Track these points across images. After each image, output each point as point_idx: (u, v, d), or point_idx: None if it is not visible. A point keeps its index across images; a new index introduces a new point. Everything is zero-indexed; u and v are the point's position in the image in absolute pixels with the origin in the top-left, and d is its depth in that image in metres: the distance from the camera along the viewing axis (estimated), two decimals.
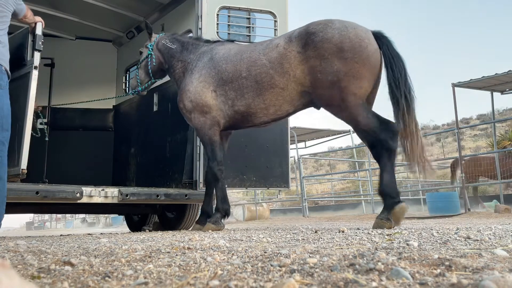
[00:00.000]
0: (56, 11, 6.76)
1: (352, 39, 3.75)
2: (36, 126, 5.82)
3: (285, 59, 3.97)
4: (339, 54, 3.73)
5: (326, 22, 3.98)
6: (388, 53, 3.82)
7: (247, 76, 4.14)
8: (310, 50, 3.84)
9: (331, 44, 3.76)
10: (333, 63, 3.73)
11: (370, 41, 3.81)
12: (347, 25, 3.88)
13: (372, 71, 3.78)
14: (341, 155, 32.61)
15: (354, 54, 3.71)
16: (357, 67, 3.71)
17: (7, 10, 3.67)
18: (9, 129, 3.51)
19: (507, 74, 9.45)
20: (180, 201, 5.04)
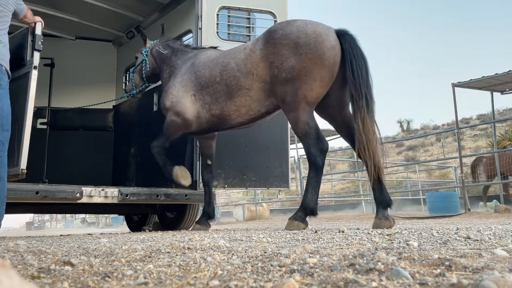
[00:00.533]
0: (56, 11, 6.76)
1: (308, 35, 3.77)
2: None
3: (249, 59, 4.08)
4: (295, 50, 3.75)
5: (289, 21, 4.09)
6: (350, 51, 3.76)
7: (220, 81, 4.27)
8: (270, 47, 3.92)
9: (288, 40, 3.81)
10: (289, 59, 3.77)
11: (328, 38, 3.78)
12: (308, 23, 3.92)
13: (325, 70, 3.74)
14: (341, 155, 32.60)
15: (309, 50, 3.71)
16: (310, 65, 3.70)
17: (8, 10, 3.67)
18: (9, 129, 3.51)
19: (507, 74, 9.45)
20: (180, 201, 5.04)
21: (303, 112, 3.79)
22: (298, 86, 3.76)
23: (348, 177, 21.96)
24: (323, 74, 3.74)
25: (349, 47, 3.78)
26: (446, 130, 16.51)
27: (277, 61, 3.85)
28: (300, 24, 3.89)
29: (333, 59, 3.76)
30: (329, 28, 3.88)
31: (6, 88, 3.56)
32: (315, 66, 3.71)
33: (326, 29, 3.85)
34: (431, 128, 38.52)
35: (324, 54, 3.72)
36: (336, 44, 3.79)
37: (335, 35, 3.84)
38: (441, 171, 21.64)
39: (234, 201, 19.87)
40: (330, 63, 3.75)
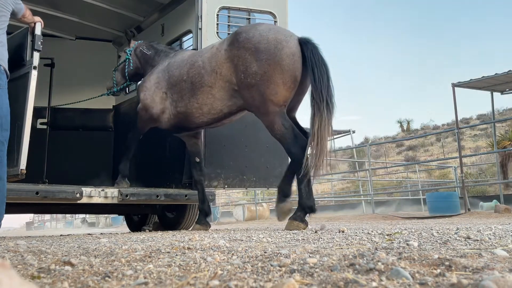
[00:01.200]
0: (56, 11, 6.76)
1: (269, 41, 3.92)
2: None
3: (214, 58, 4.22)
4: (256, 55, 3.91)
5: (255, 24, 4.26)
6: (312, 58, 3.88)
7: (186, 79, 4.45)
8: (234, 49, 4.05)
9: (251, 44, 3.96)
10: (252, 64, 3.92)
11: (288, 44, 3.91)
12: (272, 28, 4.10)
13: (286, 75, 3.86)
14: (341, 155, 32.59)
15: (269, 56, 3.86)
16: (270, 71, 3.84)
17: (6, 9, 3.66)
18: (8, 129, 3.51)
19: (507, 74, 9.45)
20: (180, 201, 5.04)
21: (274, 115, 3.91)
22: (263, 91, 3.88)
23: (348, 177, 21.96)
24: (285, 79, 3.87)
25: (310, 54, 3.90)
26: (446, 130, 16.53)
27: (242, 65, 3.98)
28: (263, 29, 4.03)
29: (293, 65, 3.89)
30: (291, 36, 4.01)
31: (5, 88, 3.56)
32: (275, 72, 3.85)
33: (287, 36, 3.98)
34: (431, 128, 38.52)
35: (283, 60, 3.86)
36: (297, 51, 3.92)
37: (296, 42, 3.96)
38: (441, 171, 21.64)
39: (234, 201, 19.87)
40: (289, 68, 3.88)
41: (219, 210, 16.38)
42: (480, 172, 20.23)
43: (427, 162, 23.87)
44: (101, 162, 7.33)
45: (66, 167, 6.96)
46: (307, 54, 3.91)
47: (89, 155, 7.32)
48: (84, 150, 7.30)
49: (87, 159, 7.27)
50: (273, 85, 3.85)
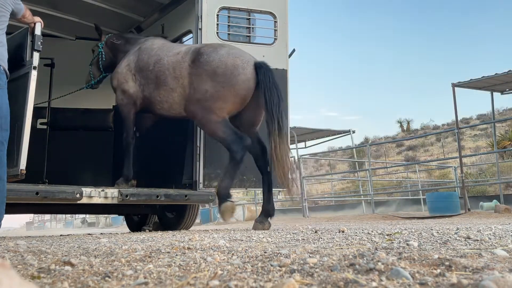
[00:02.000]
0: (56, 11, 6.75)
1: (227, 66, 4.31)
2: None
3: (178, 66, 4.57)
4: (213, 77, 4.31)
5: (217, 46, 4.60)
6: (264, 82, 4.28)
7: (152, 70, 4.78)
8: (194, 68, 4.45)
9: (210, 67, 4.35)
10: (206, 83, 4.32)
11: (244, 71, 4.31)
12: (231, 53, 4.43)
13: (238, 97, 4.32)
14: (341, 155, 32.60)
15: (225, 79, 4.27)
16: (223, 91, 4.27)
17: (5, 9, 3.65)
18: (8, 129, 3.51)
19: (507, 74, 9.45)
20: (180, 201, 5.04)
21: (216, 125, 4.33)
22: (209, 106, 4.31)
23: (348, 177, 21.96)
24: (234, 100, 4.34)
25: (263, 78, 4.29)
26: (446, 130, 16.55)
27: (195, 82, 4.40)
28: (223, 54, 4.40)
29: (246, 90, 4.33)
30: (248, 62, 4.38)
31: (5, 88, 3.55)
32: (228, 94, 4.29)
33: (244, 63, 4.36)
34: (431, 128, 38.50)
35: (238, 85, 4.29)
36: (251, 77, 4.33)
37: (252, 69, 4.35)
38: (441, 171, 21.63)
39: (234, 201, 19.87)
40: (241, 93, 4.33)
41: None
42: (480, 172, 20.22)
43: (427, 162, 23.87)
44: (101, 162, 7.32)
45: (66, 167, 6.95)
46: (259, 78, 4.29)
47: (89, 155, 7.31)
48: (84, 150, 7.29)
49: (87, 159, 7.26)
50: (221, 102, 4.30)
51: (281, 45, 5.50)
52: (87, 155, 7.26)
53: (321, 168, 33.84)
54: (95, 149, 7.37)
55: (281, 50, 5.50)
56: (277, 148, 4.16)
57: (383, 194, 17.77)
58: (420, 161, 25.51)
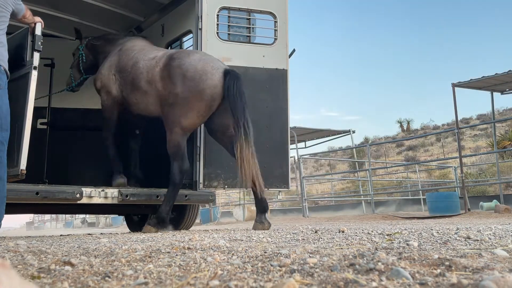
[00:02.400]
0: (56, 11, 6.75)
1: (197, 71, 4.42)
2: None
3: (151, 70, 4.70)
4: (182, 80, 4.42)
5: (190, 52, 4.74)
6: (230, 89, 4.39)
7: (129, 72, 4.90)
8: (166, 71, 4.57)
9: (180, 70, 4.46)
10: (176, 87, 4.43)
11: (212, 77, 4.42)
12: (203, 59, 4.54)
13: (203, 103, 4.41)
14: (341, 155, 32.60)
15: (193, 84, 4.38)
16: (191, 97, 4.38)
17: (6, 10, 3.65)
18: (8, 129, 3.51)
19: (507, 74, 9.45)
20: (180, 201, 5.03)
21: (176, 135, 4.46)
22: (176, 112, 4.43)
23: (348, 177, 21.96)
24: (200, 107, 4.42)
25: (228, 84, 4.40)
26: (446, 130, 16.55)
27: (168, 87, 4.51)
28: (195, 59, 4.52)
29: (212, 96, 4.42)
30: (217, 68, 4.48)
31: (5, 88, 3.55)
32: (195, 99, 4.38)
33: (214, 69, 4.46)
34: (431, 128, 38.49)
35: (205, 91, 4.37)
36: (219, 83, 4.42)
37: (220, 75, 4.44)
38: (441, 171, 21.62)
39: (234, 201, 19.87)
40: (208, 98, 4.41)
41: (219, 210, 16.37)
42: (480, 172, 20.21)
43: (427, 162, 23.87)
44: (101, 162, 7.31)
45: (66, 167, 6.95)
46: (226, 85, 4.41)
47: (89, 155, 7.31)
48: (84, 150, 7.29)
49: (87, 159, 7.26)
50: (187, 109, 4.40)
51: (281, 45, 5.50)
52: (87, 155, 7.26)
53: (321, 168, 33.85)
54: (95, 149, 7.37)
55: (281, 50, 5.50)
56: (243, 153, 4.30)
57: (383, 194, 17.76)
58: (420, 161, 25.51)
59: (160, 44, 6.56)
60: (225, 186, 5.17)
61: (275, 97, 5.41)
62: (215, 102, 4.46)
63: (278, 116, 5.39)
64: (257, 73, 5.35)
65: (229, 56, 5.26)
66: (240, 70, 5.29)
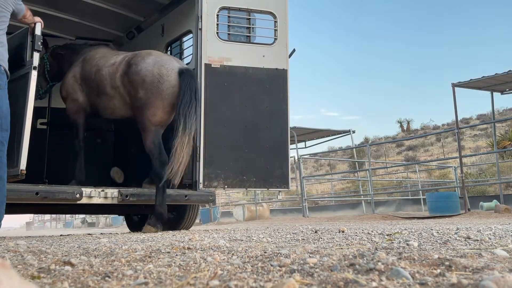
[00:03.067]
0: (56, 11, 6.75)
1: (154, 75, 4.75)
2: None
3: (113, 76, 4.99)
4: (142, 85, 4.75)
5: (144, 56, 4.93)
6: (183, 86, 4.70)
7: (94, 79, 5.15)
8: (126, 77, 4.87)
9: (139, 77, 4.77)
10: (138, 92, 4.76)
11: (169, 78, 4.76)
12: (157, 62, 4.84)
13: (166, 102, 4.74)
14: (341, 155, 32.60)
15: (152, 87, 4.72)
16: (152, 98, 4.72)
17: (6, 10, 3.65)
18: (8, 129, 3.50)
19: (507, 74, 9.44)
20: (180, 202, 5.03)
21: (149, 133, 4.76)
22: (143, 112, 4.75)
23: (348, 177, 21.96)
24: (164, 105, 4.75)
25: (182, 82, 4.72)
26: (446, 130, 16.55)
27: (132, 91, 4.83)
28: (150, 63, 4.82)
29: (171, 94, 4.75)
30: (172, 69, 4.81)
31: (5, 88, 3.55)
32: (157, 99, 4.72)
33: (169, 70, 4.79)
34: (431, 128, 38.49)
35: (164, 91, 4.73)
36: (176, 82, 4.76)
37: (176, 75, 4.77)
38: (441, 171, 21.62)
39: (234, 201, 19.87)
40: (168, 97, 4.75)
41: (219, 210, 16.37)
42: (480, 172, 20.22)
43: (427, 162, 23.87)
44: (101, 163, 7.31)
45: (66, 167, 6.95)
46: (180, 83, 4.72)
47: (89, 155, 7.30)
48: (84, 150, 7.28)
49: (87, 159, 7.26)
50: (153, 108, 4.73)
51: (281, 45, 5.50)
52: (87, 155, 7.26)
53: (321, 168, 33.84)
54: (95, 149, 7.37)
55: (281, 50, 5.50)
56: (177, 140, 4.52)
57: (383, 194, 17.76)
58: (420, 161, 25.51)
59: (160, 44, 6.56)
60: (225, 186, 5.16)
61: (275, 97, 5.41)
62: (175, 99, 4.77)
63: (278, 116, 5.39)
64: (257, 73, 5.35)
65: (229, 56, 5.26)
66: (240, 70, 5.29)
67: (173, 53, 6.53)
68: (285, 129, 5.48)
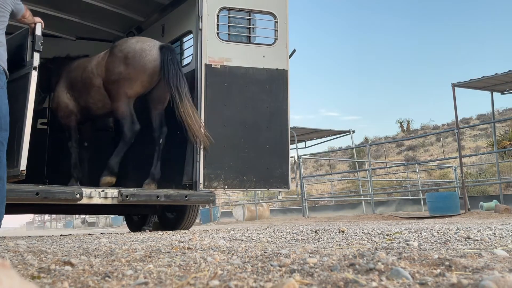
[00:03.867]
0: (56, 11, 6.75)
1: (135, 50, 5.03)
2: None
3: (99, 65, 5.25)
4: (124, 60, 5.01)
5: (129, 38, 5.36)
6: (165, 60, 4.95)
7: (81, 80, 5.43)
8: (110, 57, 5.15)
9: (121, 53, 5.06)
10: (119, 66, 5.02)
11: (151, 53, 5.03)
12: (140, 40, 5.21)
13: (147, 74, 5.01)
14: (341, 155, 32.59)
15: (134, 61, 4.97)
16: (133, 72, 4.97)
17: (5, 10, 3.64)
18: (7, 129, 3.50)
19: (507, 74, 9.44)
20: (180, 202, 5.03)
21: (123, 103, 5.02)
22: (121, 85, 4.99)
23: (348, 177, 21.96)
24: (143, 79, 5.03)
25: (163, 56, 4.98)
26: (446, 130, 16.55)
27: (111, 67, 5.09)
28: (133, 42, 5.15)
29: (153, 69, 5.01)
30: (154, 45, 5.10)
31: (4, 88, 3.55)
32: (138, 73, 4.98)
33: (151, 46, 5.08)
34: (431, 128, 38.48)
35: (146, 65, 4.98)
36: (157, 57, 5.02)
37: (157, 51, 5.04)
38: (441, 171, 21.62)
39: (234, 201, 19.87)
40: (150, 71, 5.01)
41: (219, 210, 16.37)
42: (480, 172, 20.21)
43: (427, 162, 23.86)
44: (101, 163, 7.30)
45: (66, 167, 6.94)
46: (161, 57, 4.98)
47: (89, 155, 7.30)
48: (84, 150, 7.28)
49: (87, 159, 7.25)
50: (132, 82, 4.99)
51: (282, 45, 5.50)
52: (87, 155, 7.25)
53: (321, 168, 33.83)
54: (95, 149, 7.36)
55: (282, 50, 5.50)
56: (181, 111, 4.75)
57: (383, 194, 17.76)
58: (420, 161, 25.51)
59: None
60: (225, 187, 5.17)
61: (275, 98, 5.41)
62: (155, 74, 5.04)
63: (278, 116, 5.39)
64: (257, 73, 5.35)
65: (229, 56, 5.27)
66: (240, 71, 5.29)
67: None
68: (285, 129, 5.48)
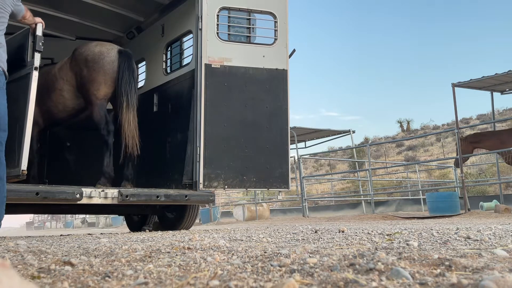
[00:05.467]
0: (56, 11, 6.75)
1: (94, 53, 5.26)
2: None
3: (62, 68, 5.44)
4: (85, 64, 5.23)
5: (89, 42, 5.54)
6: (120, 64, 5.24)
7: (43, 85, 5.38)
8: (73, 61, 5.36)
9: (82, 56, 5.29)
10: (83, 70, 5.24)
11: (109, 55, 5.28)
12: (99, 44, 5.42)
13: (107, 77, 5.23)
14: (341, 155, 32.59)
15: (94, 64, 5.21)
16: (95, 74, 5.20)
17: (5, 10, 3.64)
18: (6, 130, 3.49)
19: (507, 74, 9.43)
20: (180, 202, 5.03)
21: (95, 106, 5.19)
22: (89, 88, 5.19)
23: (348, 177, 21.96)
24: (106, 79, 5.22)
25: (120, 60, 5.26)
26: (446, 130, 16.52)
27: (78, 71, 5.28)
28: (92, 45, 5.38)
29: (112, 69, 5.25)
30: (112, 49, 5.37)
31: (3, 88, 3.54)
32: (99, 75, 5.19)
33: (109, 49, 5.35)
34: (431, 128, 38.47)
35: (104, 66, 5.22)
36: (115, 59, 5.29)
37: (115, 53, 5.31)
38: (441, 171, 21.63)
39: (234, 201, 19.87)
40: (109, 72, 5.23)
41: (219, 210, 16.37)
42: (480, 172, 20.21)
43: (427, 162, 23.86)
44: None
45: (66, 167, 6.95)
46: (119, 62, 5.24)
47: (89, 155, 7.30)
48: (84, 150, 7.28)
49: (87, 159, 7.26)
50: (97, 84, 5.18)
51: (281, 45, 5.50)
52: (87, 155, 7.26)
53: (321, 168, 33.82)
54: (95, 149, 7.36)
55: (281, 50, 5.50)
56: (123, 117, 5.10)
57: (383, 194, 17.76)
58: (420, 161, 25.50)
59: (160, 44, 6.56)
60: (225, 186, 5.17)
61: (275, 97, 5.41)
62: (116, 74, 5.27)
63: (278, 116, 5.39)
64: (257, 73, 5.35)
65: (229, 56, 5.27)
66: (240, 71, 5.29)
67: (173, 53, 6.53)
68: (285, 129, 5.48)
